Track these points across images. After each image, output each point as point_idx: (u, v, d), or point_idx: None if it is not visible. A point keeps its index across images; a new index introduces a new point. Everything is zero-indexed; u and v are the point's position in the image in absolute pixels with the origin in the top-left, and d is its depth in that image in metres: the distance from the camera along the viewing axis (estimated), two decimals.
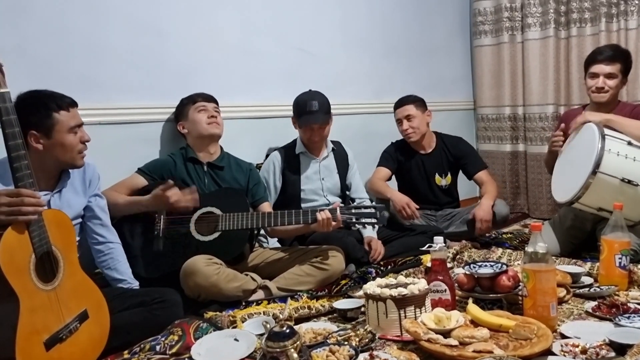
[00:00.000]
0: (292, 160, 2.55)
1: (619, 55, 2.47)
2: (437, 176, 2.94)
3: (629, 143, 2.14)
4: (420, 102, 2.88)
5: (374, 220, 2.05)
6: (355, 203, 2.60)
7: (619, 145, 2.12)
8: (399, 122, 2.87)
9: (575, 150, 2.33)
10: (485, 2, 3.85)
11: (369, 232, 2.53)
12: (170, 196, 1.97)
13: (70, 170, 1.75)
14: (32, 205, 1.34)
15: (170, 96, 2.35)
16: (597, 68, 2.47)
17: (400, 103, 2.88)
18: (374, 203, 2.61)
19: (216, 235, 2.06)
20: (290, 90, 2.63)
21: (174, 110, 2.33)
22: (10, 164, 1.36)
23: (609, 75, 2.44)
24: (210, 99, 2.30)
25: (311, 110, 2.44)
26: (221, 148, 2.32)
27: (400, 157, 2.93)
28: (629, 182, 2.07)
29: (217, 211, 2.08)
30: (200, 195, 2.10)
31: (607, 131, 2.15)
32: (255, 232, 2.26)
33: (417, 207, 2.64)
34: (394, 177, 2.97)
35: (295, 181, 2.53)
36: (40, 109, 1.61)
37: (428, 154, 2.94)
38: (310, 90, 2.52)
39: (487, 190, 2.78)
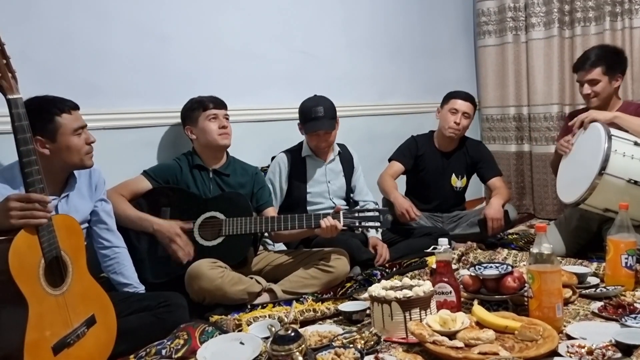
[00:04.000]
0: (298, 163, 2.55)
1: (599, 58, 2.43)
2: (453, 177, 2.93)
3: (635, 143, 2.13)
4: (475, 105, 2.89)
5: (377, 224, 2.05)
6: (359, 206, 2.61)
7: (625, 145, 2.11)
8: (454, 112, 2.80)
9: (580, 150, 2.32)
10: (488, 2, 3.85)
11: (374, 235, 2.53)
12: (178, 242, 2.00)
13: (76, 175, 1.76)
14: (43, 210, 1.35)
15: (174, 101, 2.35)
16: (580, 75, 2.49)
17: (464, 96, 2.83)
18: (379, 205, 2.61)
19: (220, 240, 2.06)
20: (294, 93, 2.63)
21: (177, 114, 2.33)
22: (21, 169, 1.38)
23: (591, 82, 2.43)
24: (221, 105, 2.25)
25: (317, 117, 2.42)
26: (227, 153, 2.32)
27: (420, 152, 2.91)
28: (635, 182, 2.06)
29: (221, 216, 2.08)
30: (203, 201, 2.12)
31: (613, 131, 2.14)
32: (259, 235, 2.26)
33: (419, 214, 2.61)
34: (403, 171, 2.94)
35: (302, 184, 2.53)
36: (43, 114, 1.63)
37: (449, 153, 2.92)
38: (315, 95, 2.52)
39: (498, 192, 2.77)
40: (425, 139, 2.95)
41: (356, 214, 2.05)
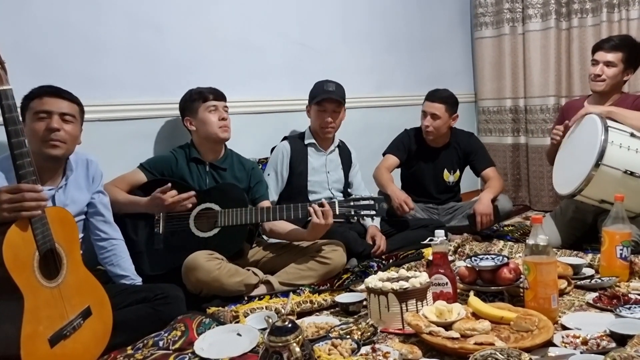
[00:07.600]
0: (300, 150, 2.55)
1: (623, 45, 2.43)
2: (445, 172, 2.93)
3: (632, 135, 2.13)
4: (451, 104, 2.80)
5: (372, 212, 2.05)
6: None
7: (622, 137, 2.11)
8: (424, 114, 2.81)
9: (576, 142, 2.32)
10: None
11: (372, 224, 2.54)
12: (165, 199, 1.97)
13: (73, 166, 1.76)
14: (34, 200, 1.34)
15: (170, 92, 2.34)
16: (599, 55, 2.47)
17: (433, 97, 2.79)
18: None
19: (216, 231, 2.06)
20: (291, 85, 2.62)
21: (173, 106, 2.32)
22: (13, 161, 1.36)
23: (608, 63, 2.42)
24: (221, 96, 2.23)
25: (328, 90, 2.49)
26: (225, 146, 2.30)
27: (413, 147, 2.91)
28: (632, 173, 2.07)
29: (216, 207, 2.08)
30: (198, 193, 2.10)
31: (609, 123, 2.14)
32: (255, 227, 2.26)
33: (413, 207, 2.61)
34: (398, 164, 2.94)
35: (302, 172, 2.54)
36: (26, 99, 1.67)
37: (440, 149, 2.91)
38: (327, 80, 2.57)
39: (490, 185, 2.77)
40: (417, 134, 2.93)
41: (351, 203, 2.05)
